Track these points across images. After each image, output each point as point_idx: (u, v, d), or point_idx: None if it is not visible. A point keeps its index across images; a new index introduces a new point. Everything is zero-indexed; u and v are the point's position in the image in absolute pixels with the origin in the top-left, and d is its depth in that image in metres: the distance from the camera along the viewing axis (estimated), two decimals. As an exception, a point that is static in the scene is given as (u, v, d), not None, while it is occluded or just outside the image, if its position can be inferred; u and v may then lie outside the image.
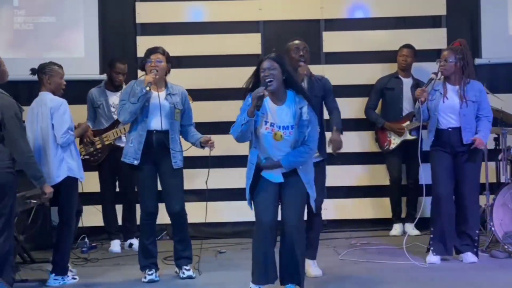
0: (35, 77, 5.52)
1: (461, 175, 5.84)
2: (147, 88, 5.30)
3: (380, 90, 7.35)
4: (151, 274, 5.47)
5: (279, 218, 4.83)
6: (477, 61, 7.32)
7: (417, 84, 7.28)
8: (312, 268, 5.49)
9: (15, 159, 4.90)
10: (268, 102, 4.76)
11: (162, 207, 5.58)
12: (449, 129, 5.81)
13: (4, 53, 7.30)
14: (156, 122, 5.41)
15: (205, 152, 5.62)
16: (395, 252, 6.29)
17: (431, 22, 7.68)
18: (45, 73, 5.49)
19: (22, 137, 4.97)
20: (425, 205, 7.40)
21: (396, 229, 7.29)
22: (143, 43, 7.41)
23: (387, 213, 7.40)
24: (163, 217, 5.73)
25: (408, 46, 7.31)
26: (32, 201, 5.52)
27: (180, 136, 5.61)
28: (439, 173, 5.84)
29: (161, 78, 5.47)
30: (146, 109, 5.38)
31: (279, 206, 4.83)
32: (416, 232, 7.18)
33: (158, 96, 5.41)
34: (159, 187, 5.57)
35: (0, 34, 7.43)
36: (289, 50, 5.46)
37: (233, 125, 4.79)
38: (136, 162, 5.40)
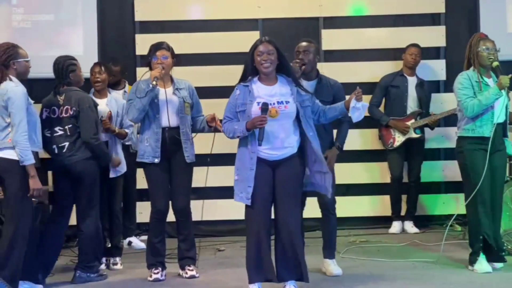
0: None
1: (497, 173, 5.45)
2: (154, 83, 5.27)
3: (385, 87, 7.30)
4: (157, 273, 5.44)
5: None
6: (476, 58, 7.31)
7: (421, 83, 7.27)
8: (331, 266, 5.49)
9: (83, 139, 5.33)
10: (257, 86, 4.76)
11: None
12: (495, 125, 5.39)
13: (3, 51, 7.30)
14: (167, 119, 5.37)
15: (202, 150, 5.61)
16: (395, 250, 6.30)
17: (430, 20, 7.67)
18: None
19: (93, 122, 5.39)
20: (425, 203, 7.48)
21: (395, 226, 7.29)
22: (142, 41, 7.40)
23: (387, 211, 7.39)
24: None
25: (416, 45, 7.28)
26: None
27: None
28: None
29: (167, 74, 5.46)
30: (156, 106, 5.36)
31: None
32: (415, 229, 7.19)
33: (165, 92, 5.38)
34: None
35: (-1, 32, 7.43)
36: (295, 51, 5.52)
37: (226, 124, 4.77)
38: (157, 160, 5.36)
